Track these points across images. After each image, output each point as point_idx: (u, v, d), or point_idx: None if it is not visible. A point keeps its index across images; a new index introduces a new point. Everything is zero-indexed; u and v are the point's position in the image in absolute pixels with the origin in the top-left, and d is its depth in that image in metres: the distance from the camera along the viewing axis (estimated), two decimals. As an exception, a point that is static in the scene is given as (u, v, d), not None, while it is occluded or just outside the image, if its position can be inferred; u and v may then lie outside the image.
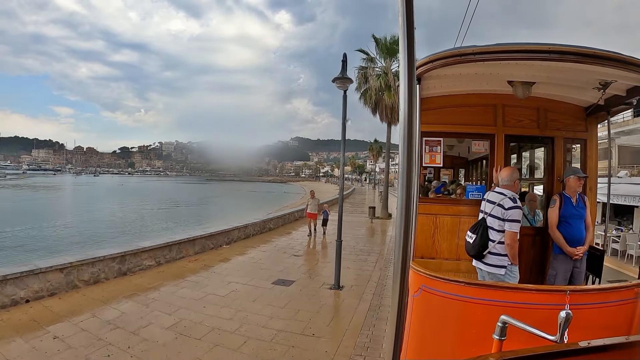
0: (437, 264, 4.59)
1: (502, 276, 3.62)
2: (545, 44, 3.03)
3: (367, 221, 22.02)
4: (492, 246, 3.66)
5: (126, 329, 5.62)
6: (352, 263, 10.64)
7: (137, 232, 24.41)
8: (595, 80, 3.78)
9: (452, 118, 4.72)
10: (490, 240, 3.68)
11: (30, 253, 16.02)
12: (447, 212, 4.76)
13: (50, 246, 18.33)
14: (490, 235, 3.69)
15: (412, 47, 1.06)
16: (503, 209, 3.63)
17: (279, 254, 11.72)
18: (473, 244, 3.77)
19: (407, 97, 1.03)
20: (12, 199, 49.66)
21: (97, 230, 24.76)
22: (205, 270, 9.24)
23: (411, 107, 1.01)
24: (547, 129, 4.71)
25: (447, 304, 2.91)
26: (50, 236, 21.88)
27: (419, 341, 3.05)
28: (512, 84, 4.11)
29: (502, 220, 3.63)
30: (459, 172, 8.92)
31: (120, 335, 5.38)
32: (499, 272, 3.63)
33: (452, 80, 4.20)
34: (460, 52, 3.26)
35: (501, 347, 2.10)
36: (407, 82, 1.03)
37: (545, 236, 4.58)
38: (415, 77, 1.04)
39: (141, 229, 26.22)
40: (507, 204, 3.63)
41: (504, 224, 3.62)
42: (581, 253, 4.14)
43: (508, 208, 3.62)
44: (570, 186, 4.21)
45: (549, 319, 2.20)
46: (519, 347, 2.02)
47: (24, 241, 19.62)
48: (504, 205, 3.64)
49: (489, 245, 3.68)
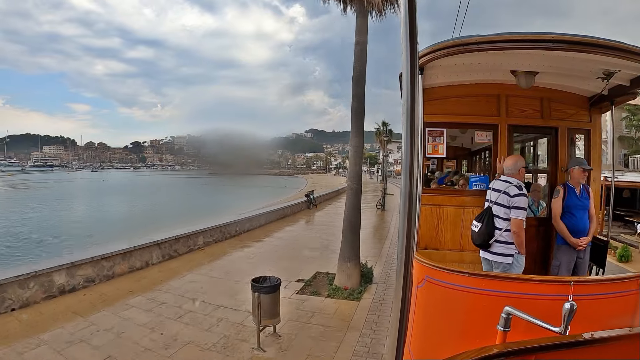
0: (441, 255, 4.59)
1: (509, 265, 3.62)
2: (548, 33, 3.01)
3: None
4: (499, 234, 3.65)
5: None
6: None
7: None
8: (599, 70, 3.75)
9: (455, 108, 4.69)
10: (496, 229, 3.67)
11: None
12: (450, 202, 4.75)
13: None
14: (497, 224, 3.68)
15: (414, 36, 1.05)
16: (509, 197, 3.62)
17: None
18: (479, 232, 3.76)
19: (409, 87, 1.01)
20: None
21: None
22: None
23: (414, 97, 1.00)
24: (550, 119, 4.68)
25: (451, 294, 2.91)
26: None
27: (423, 332, 3.06)
28: (515, 73, 4.07)
29: (508, 208, 3.62)
30: (462, 163, 8.89)
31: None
32: (507, 261, 3.62)
33: (455, 70, 4.17)
34: (463, 41, 3.24)
35: (505, 338, 2.10)
36: (410, 72, 1.02)
37: (548, 227, 4.57)
38: (417, 67, 1.02)
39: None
40: (513, 191, 3.62)
41: (509, 211, 3.61)
42: (585, 244, 4.14)
43: (513, 195, 3.61)
44: (574, 177, 4.20)
45: (552, 310, 2.19)
46: (522, 338, 2.02)
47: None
48: (510, 193, 3.63)
49: (496, 233, 3.67)
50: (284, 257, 10.69)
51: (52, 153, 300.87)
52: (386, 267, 9.57)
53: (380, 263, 10.04)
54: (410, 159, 1.00)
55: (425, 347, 2.97)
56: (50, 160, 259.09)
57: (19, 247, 17.39)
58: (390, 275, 8.82)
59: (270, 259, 10.43)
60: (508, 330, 2.10)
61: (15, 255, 15.47)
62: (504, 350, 1.94)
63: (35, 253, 15.40)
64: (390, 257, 10.74)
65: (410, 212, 1.04)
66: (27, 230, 22.34)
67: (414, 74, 1.02)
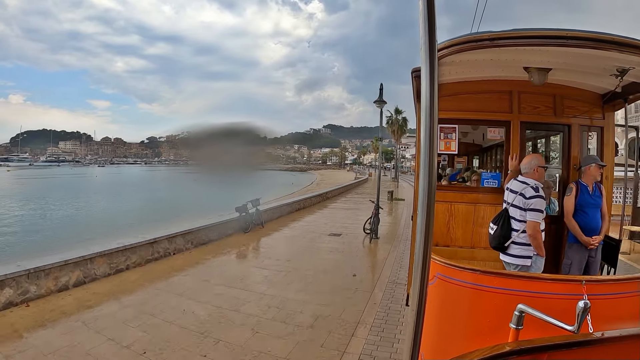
0: (452, 252, 4.57)
1: (527, 267, 3.58)
2: (562, 30, 2.98)
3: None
4: (516, 236, 3.62)
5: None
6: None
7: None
8: (613, 66, 3.69)
9: (468, 105, 4.67)
10: (513, 231, 3.64)
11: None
12: (462, 199, 4.73)
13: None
14: (513, 225, 3.65)
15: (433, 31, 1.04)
16: (524, 199, 3.58)
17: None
18: (494, 234, 3.74)
19: (429, 84, 1.00)
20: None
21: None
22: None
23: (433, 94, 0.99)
24: (563, 116, 4.64)
25: (462, 292, 2.90)
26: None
27: (433, 329, 3.05)
28: (528, 70, 4.03)
29: (524, 210, 3.58)
30: (473, 159, 8.86)
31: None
32: (525, 263, 3.58)
33: (467, 66, 4.13)
34: (476, 37, 3.21)
35: (518, 336, 2.10)
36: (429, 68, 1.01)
37: (560, 225, 4.54)
38: (436, 63, 1.02)
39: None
40: (529, 193, 3.58)
41: (525, 214, 3.57)
42: (597, 242, 4.11)
43: (529, 197, 3.56)
44: (590, 174, 4.15)
45: (564, 309, 2.18)
46: (532, 336, 2.02)
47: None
48: (525, 195, 3.59)
49: (512, 235, 3.64)
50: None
51: (68, 148, 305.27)
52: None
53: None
54: (430, 156, 0.99)
55: (436, 345, 2.97)
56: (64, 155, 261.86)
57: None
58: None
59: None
60: (521, 328, 2.10)
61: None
62: (517, 348, 1.94)
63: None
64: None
65: (429, 210, 1.03)
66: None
67: (433, 71, 1.01)
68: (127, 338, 5.04)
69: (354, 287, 7.46)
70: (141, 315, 5.80)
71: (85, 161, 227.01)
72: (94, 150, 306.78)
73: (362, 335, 5.24)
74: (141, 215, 25.28)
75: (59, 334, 5.13)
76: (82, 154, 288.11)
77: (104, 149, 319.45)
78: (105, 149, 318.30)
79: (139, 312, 5.93)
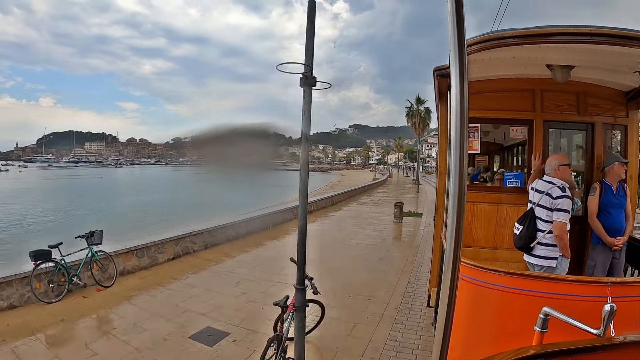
0: (474, 253, 4.53)
1: (552, 269, 3.53)
2: (586, 26, 2.93)
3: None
4: (542, 237, 3.56)
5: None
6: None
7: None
8: (637, 63, 3.61)
9: (490, 103, 4.61)
10: (539, 231, 3.59)
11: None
12: (484, 199, 4.68)
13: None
14: (539, 226, 3.59)
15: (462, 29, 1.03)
16: (551, 198, 3.52)
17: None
18: (520, 235, 3.69)
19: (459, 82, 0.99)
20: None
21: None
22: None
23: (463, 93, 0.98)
24: (586, 115, 4.55)
25: (486, 293, 2.87)
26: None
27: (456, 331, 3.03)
28: (551, 67, 3.96)
29: (550, 210, 3.52)
30: (494, 159, 8.74)
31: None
32: (550, 264, 3.53)
33: (489, 64, 4.08)
34: (499, 35, 3.16)
35: (542, 339, 2.06)
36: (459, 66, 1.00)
37: (583, 225, 4.45)
38: (466, 64, 1.00)
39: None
40: (556, 193, 3.52)
41: (552, 214, 3.51)
42: (621, 243, 4.02)
43: (556, 197, 3.50)
44: (615, 173, 4.05)
45: (587, 311, 2.15)
46: (555, 339, 1.99)
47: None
48: (552, 195, 3.52)
49: (538, 236, 3.58)
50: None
51: (93, 149, 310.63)
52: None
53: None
54: (461, 156, 0.98)
55: (459, 347, 2.94)
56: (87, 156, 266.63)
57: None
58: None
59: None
60: (545, 332, 2.07)
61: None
62: (541, 352, 1.91)
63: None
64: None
65: (460, 211, 1.02)
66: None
67: (462, 71, 1.00)
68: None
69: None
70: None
71: (107, 162, 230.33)
72: (118, 151, 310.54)
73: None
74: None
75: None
76: (106, 154, 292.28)
77: (128, 149, 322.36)
78: (130, 150, 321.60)
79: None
